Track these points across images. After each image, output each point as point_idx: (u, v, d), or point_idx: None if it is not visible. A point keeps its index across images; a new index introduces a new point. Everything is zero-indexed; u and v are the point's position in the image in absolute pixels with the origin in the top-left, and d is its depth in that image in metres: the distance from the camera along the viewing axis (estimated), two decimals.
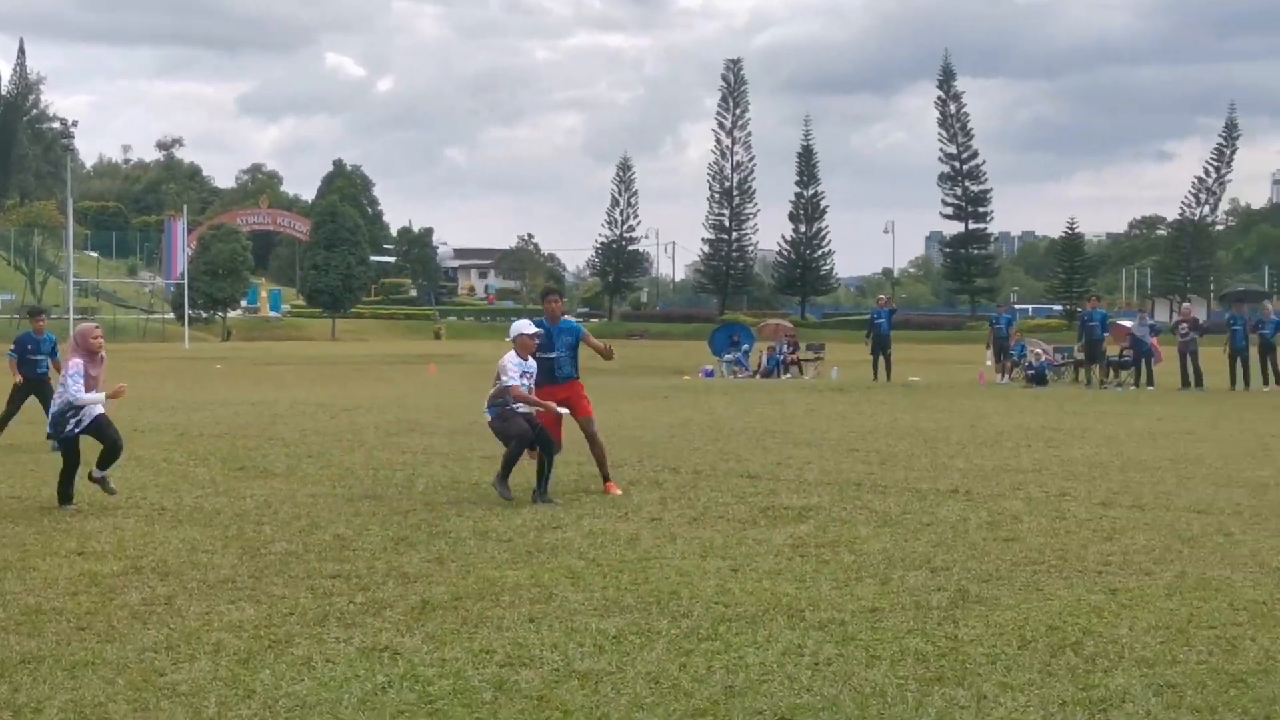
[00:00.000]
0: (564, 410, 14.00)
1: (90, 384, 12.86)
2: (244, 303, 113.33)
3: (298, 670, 7.15)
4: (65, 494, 13.08)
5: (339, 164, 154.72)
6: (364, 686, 6.83)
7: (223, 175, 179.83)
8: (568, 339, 14.41)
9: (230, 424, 22.77)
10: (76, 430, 12.94)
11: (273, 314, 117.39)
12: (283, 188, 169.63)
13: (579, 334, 14.59)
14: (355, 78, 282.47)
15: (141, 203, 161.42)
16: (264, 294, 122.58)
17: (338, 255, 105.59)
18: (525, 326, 14.15)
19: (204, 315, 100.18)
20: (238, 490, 14.20)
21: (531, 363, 13.73)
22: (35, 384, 19.55)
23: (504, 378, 13.60)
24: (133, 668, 7.20)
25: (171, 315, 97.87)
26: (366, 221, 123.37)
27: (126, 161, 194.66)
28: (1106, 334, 35.95)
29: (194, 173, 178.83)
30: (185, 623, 8.24)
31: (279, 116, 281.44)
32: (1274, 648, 7.64)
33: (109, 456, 13.11)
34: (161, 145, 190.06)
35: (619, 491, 13.85)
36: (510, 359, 13.68)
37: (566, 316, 14.95)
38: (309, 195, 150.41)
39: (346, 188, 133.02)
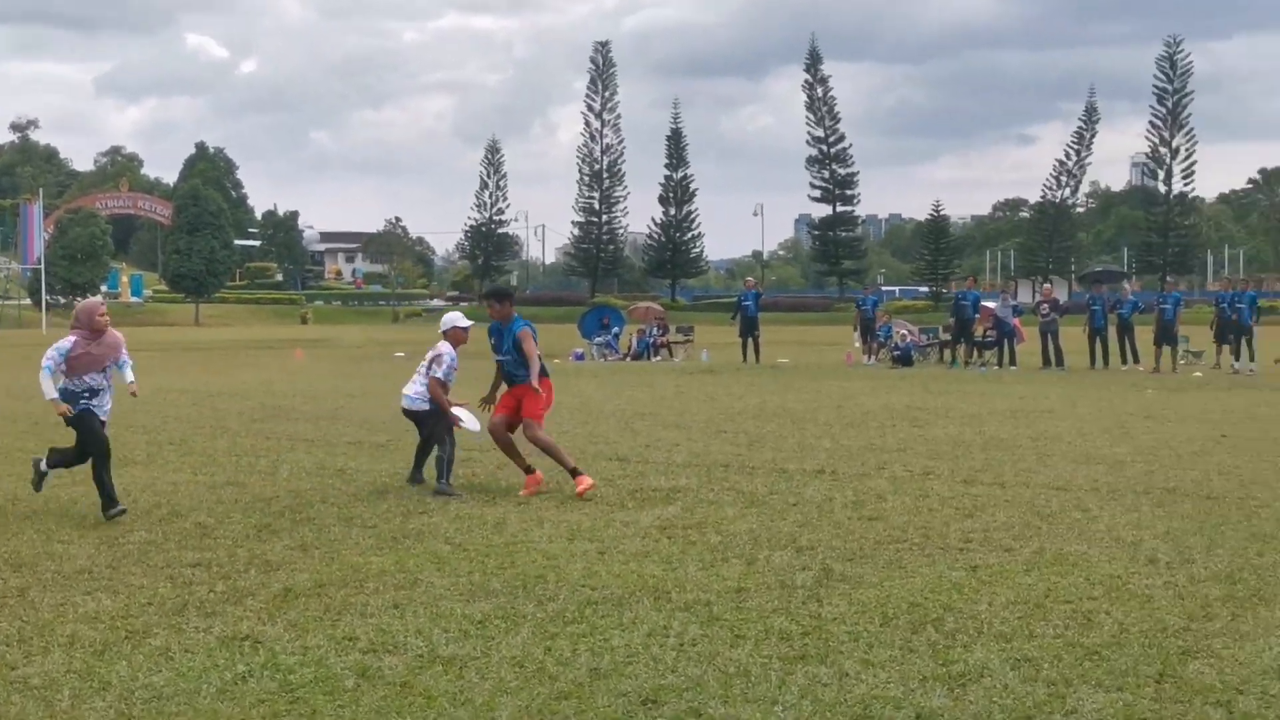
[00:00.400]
0: (462, 416, 13.68)
1: (89, 363, 11.55)
2: (104, 288, 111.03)
3: (155, 661, 7.02)
4: (108, 496, 11.43)
5: (201, 146, 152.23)
6: (223, 676, 6.72)
7: (81, 158, 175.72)
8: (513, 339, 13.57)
9: None
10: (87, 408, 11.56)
11: (134, 299, 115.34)
12: (143, 170, 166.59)
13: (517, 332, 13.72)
14: (218, 59, 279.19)
15: None
16: (125, 279, 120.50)
17: (201, 239, 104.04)
18: (459, 319, 14.07)
19: (62, 301, 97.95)
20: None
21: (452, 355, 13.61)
22: None
23: (437, 368, 13.48)
24: None
25: (28, 301, 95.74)
26: (230, 205, 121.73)
27: None
28: (977, 315, 36.46)
29: (50, 155, 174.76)
30: (39, 615, 8.05)
31: (139, 98, 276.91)
32: (1128, 620, 7.80)
33: (73, 457, 11.98)
34: (16, 127, 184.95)
35: (585, 486, 12.74)
36: (448, 349, 13.54)
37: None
38: (171, 178, 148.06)
39: (209, 171, 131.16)
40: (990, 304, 38.60)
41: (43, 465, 11.96)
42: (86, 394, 11.56)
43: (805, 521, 11.20)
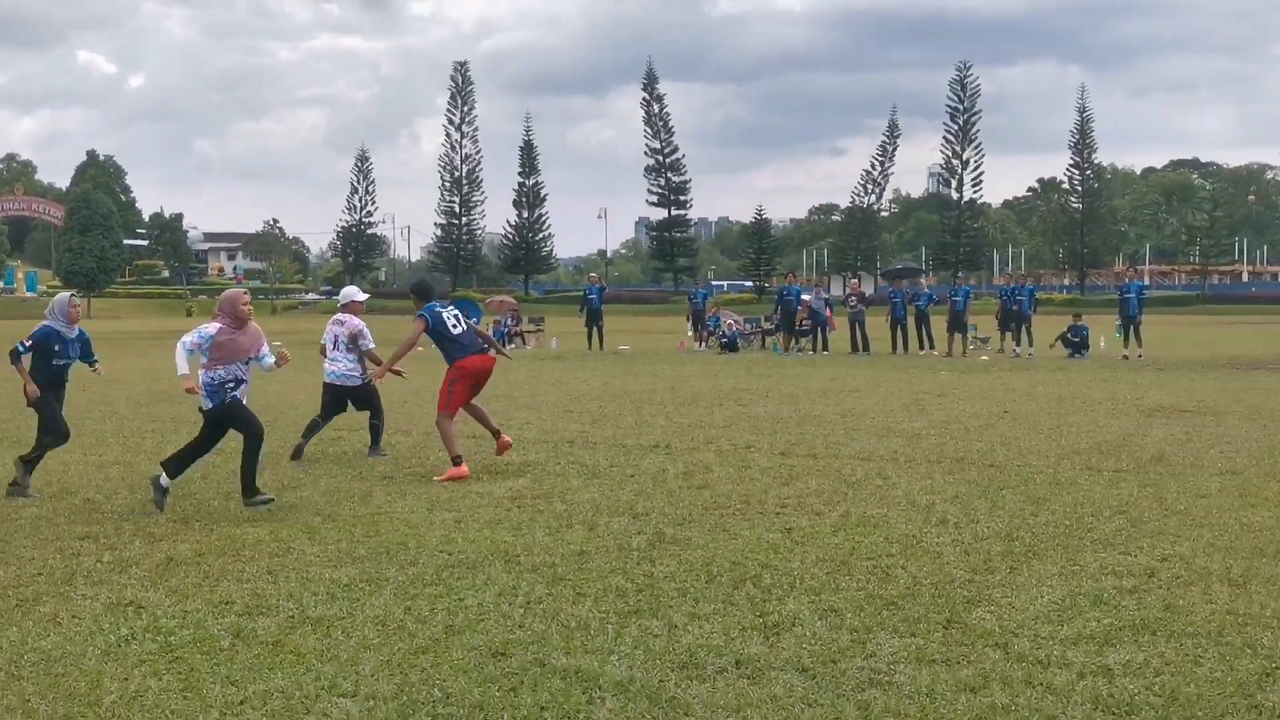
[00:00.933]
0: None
1: (234, 352, 10.69)
2: (0, 284, 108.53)
3: (44, 627, 6.85)
4: (174, 468, 10.81)
5: (92, 154, 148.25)
6: (108, 639, 6.58)
7: None
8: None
9: None
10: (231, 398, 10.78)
11: (29, 294, 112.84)
12: (37, 176, 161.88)
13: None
14: (107, 74, 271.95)
15: None
16: (20, 276, 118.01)
17: (92, 239, 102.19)
18: (356, 293, 14.61)
19: None
20: None
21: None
22: None
23: (365, 342, 13.99)
24: None
25: None
26: (119, 207, 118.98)
27: None
28: (799, 307, 36.85)
29: None
30: None
31: (33, 109, 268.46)
32: (921, 574, 7.95)
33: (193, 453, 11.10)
34: None
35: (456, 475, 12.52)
36: (362, 322, 13.84)
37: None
38: (64, 183, 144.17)
39: (99, 176, 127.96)
40: (806, 296, 39.03)
41: (163, 480, 10.59)
42: (232, 383, 10.76)
43: (641, 491, 11.24)
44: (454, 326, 13.12)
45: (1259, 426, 15.87)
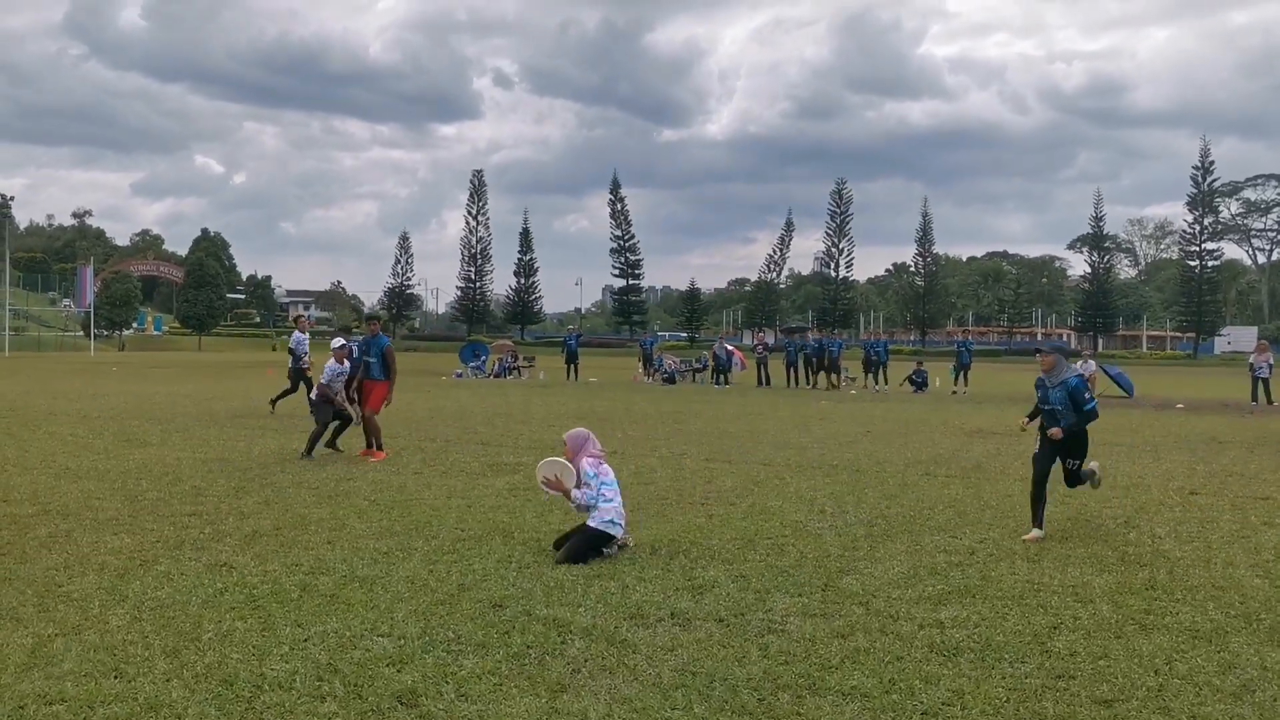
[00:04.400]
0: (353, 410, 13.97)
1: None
2: (135, 324, 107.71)
3: (159, 581, 6.72)
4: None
5: (205, 231, 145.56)
6: (207, 591, 6.46)
7: (121, 237, 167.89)
8: (378, 349, 13.70)
9: (120, 408, 21.33)
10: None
11: (155, 333, 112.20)
12: (164, 246, 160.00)
13: (384, 346, 13.79)
14: (217, 173, 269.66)
15: (61, 255, 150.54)
16: (150, 319, 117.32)
17: (203, 293, 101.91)
18: (336, 342, 14.15)
19: (105, 333, 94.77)
20: (123, 455, 13.28)
21: (344, 366, 13.66)
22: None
23: (323, 379, 13.82)
24: (38, 581, 6.66)
25: (81, 333, 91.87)
26: (224, 270, 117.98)
27: (50, 225, 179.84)
28: (720, 355, 37.02)
29: (99, 234, 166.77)
30: (79, 549, 7.64)
31: (161, 197, 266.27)
32: (806, 550, 7.93)
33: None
34: (76, 215, 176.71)
35: (378, 458, 13.04)
36: (329, 364, 13.57)
37: (383, 334, 14.18)
38: (183, 251, 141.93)
39: (210, 247, 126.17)
40: (729, 346, 39.21)
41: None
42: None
43: None
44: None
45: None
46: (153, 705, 4.60)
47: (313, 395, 14.33)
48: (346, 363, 13.84)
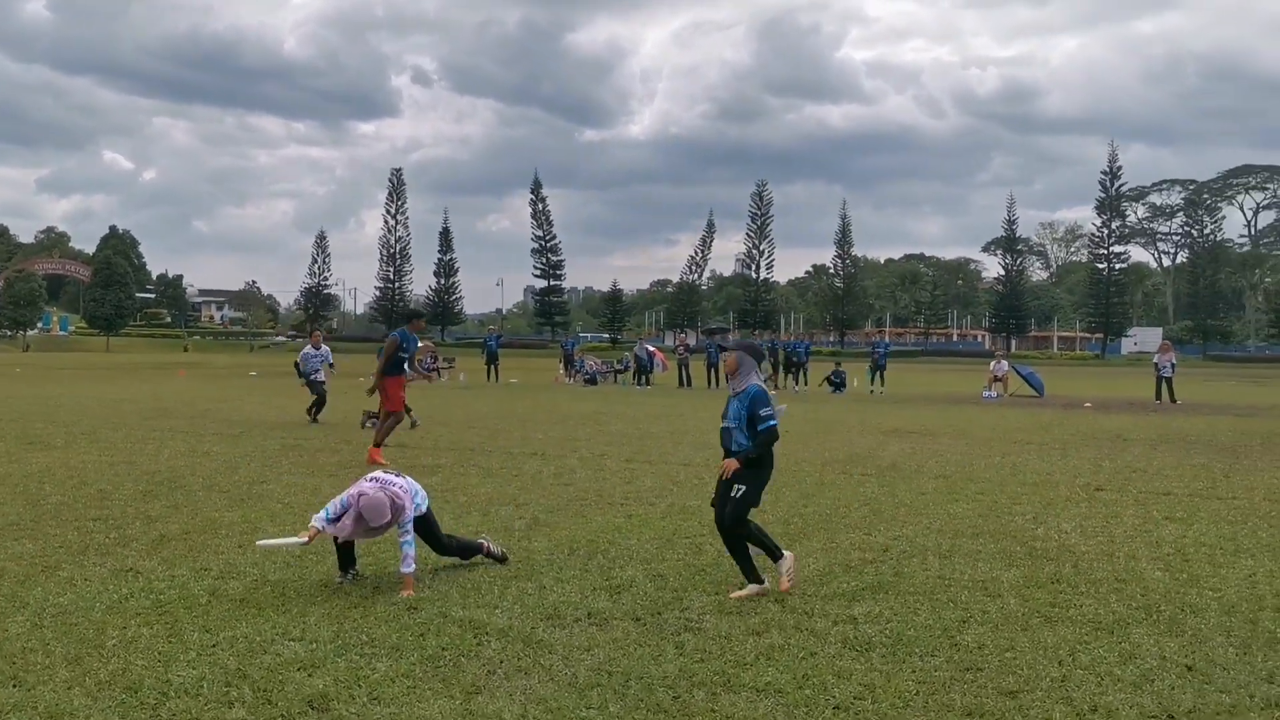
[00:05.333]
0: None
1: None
2: (39, 325, 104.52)
3: (63, 587, 6.54)
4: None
5: (113, 228, 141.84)
6: (112, 597, 6.30)
7: (25, 234, 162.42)
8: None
9: (23, 410, 20.69)
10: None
11: (61, 333, 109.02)
12: (70, 244, 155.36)
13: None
14: (126, 169, 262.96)
15: None
16: (55, 319, 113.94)
17: (111, 293, 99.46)
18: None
19: (8, 334, 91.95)
20: (25, 459, 12.88)
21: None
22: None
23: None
24: None
25: None
26: (134, 269, 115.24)
27: None
28: (641, 356, 37.13)
29: (2, 232, 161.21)
30: None
31: (68, 194, 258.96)
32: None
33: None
34: None
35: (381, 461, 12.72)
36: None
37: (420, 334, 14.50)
38: (90, 249, 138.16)
39: (118, 245, 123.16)
40: (650, 347, 39.35)
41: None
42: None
43: (523, 487, 11.14)
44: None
45: (962, 443, 16.31)
46: (54, 714, 4.47)
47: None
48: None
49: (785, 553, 6.71)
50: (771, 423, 6.50)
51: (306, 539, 6.61)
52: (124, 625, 5.73)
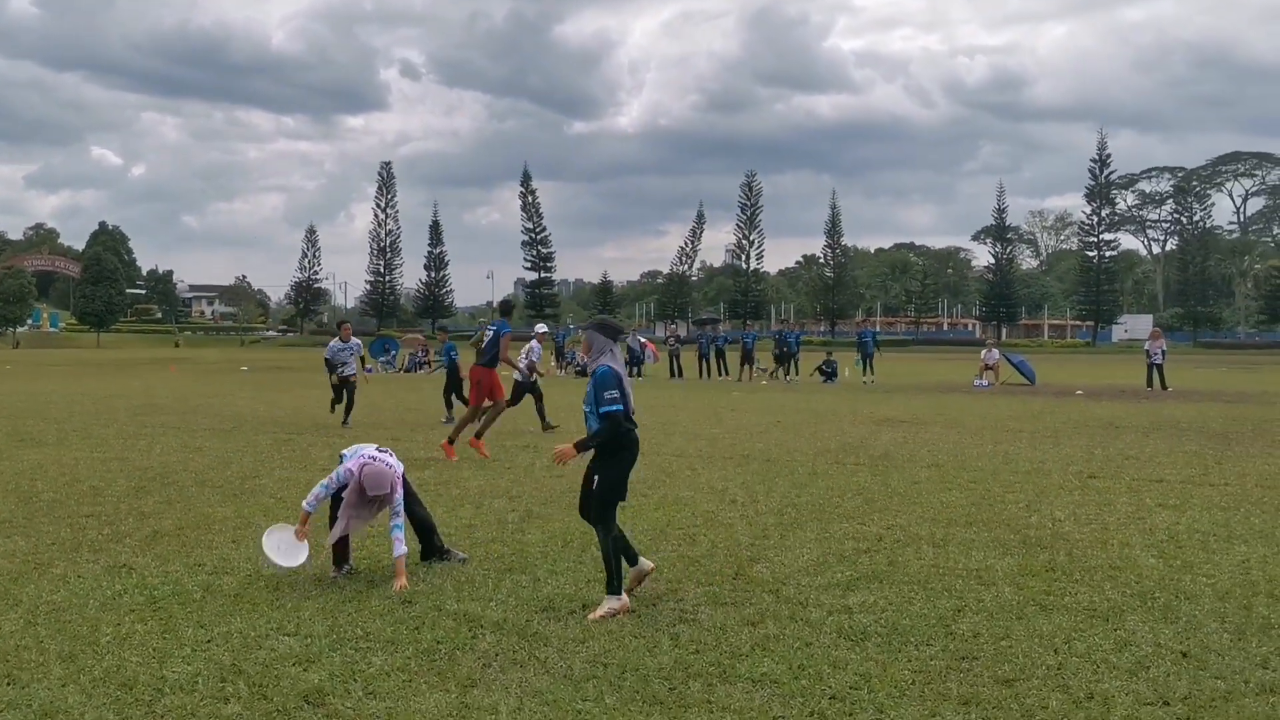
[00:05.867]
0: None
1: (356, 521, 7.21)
2: (30, 321, 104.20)
3: (55, 584, 6.52)
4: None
5: (103, 224, 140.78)
6: (105, 594, 6.29)
7: (14, 231, 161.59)
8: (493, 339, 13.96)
9: (14, 407, 20.60)
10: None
11: (51, 329, 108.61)
12: (60, 240, 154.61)
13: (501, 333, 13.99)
14: (115, 164, 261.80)
15: None
16: (45, 315, 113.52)
17: (101, 289, 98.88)
18: (541, 327, 17.16)
19: None
20: (17, 456, 12.84)
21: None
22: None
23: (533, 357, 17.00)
24: None
25: None
26: (124, 265, 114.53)
27: None
28: (634, 347, 37.18)
29: None
30: None
31: (57, 190, 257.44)
32: (717, 540, 7.99)
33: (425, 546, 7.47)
34: None
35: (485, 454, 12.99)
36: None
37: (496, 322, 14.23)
38: (80, 246, 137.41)
39: (108, 241, 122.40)
40: (642, 339, 39.42)
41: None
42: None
43: (516, 480, 11.14)
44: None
45: (954, 432, 16.34)
46: (48, 711, 4.46)
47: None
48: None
49: (644, 559, 6.40)
50: (613, 407, 6.04)
51: (305, 555, 6.61)
52: (118, 622, 5.71)
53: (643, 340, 39.27)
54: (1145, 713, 4.54)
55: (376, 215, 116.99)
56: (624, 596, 6.01)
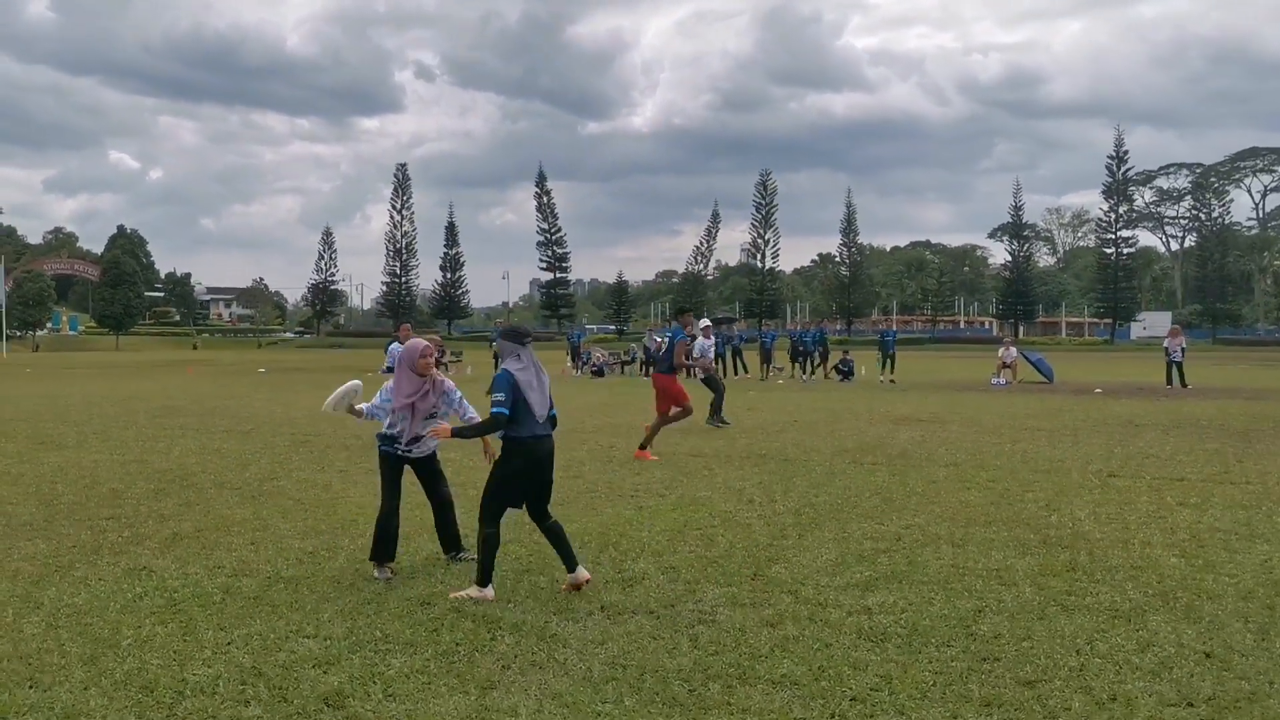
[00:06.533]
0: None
1: (415, 415, 7.12)
2: (49, 325, 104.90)
3: (76, 587, 6.55)
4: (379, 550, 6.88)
5: (121, 228, 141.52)
6: (126, 596, 6.31)
7: (33, 235, 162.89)
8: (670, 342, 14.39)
9: (34, 410, 20.73)
10: (397, 450, 7.17)
11: (71, 333, 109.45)
12: (79, 244, 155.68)
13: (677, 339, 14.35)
14: (133, 168, 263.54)
15: None
16: (64, 319, 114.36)
17: (120, 292, 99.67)
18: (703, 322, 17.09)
19: (19, 334, 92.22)
20: (38, 458, 12.91)
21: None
22: None
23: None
24: None
25: None
26: (142, 268, 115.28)
27: None
28: (650, 346, 37.18)
29: (10, 232, 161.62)
30: None
31: (75, 194, 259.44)
32: (735, 540, 7.97)
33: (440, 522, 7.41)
34: None
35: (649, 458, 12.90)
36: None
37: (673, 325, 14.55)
38: (98, 249, 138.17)
39: (126, 244, 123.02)
40: (659, 338, 39.44)
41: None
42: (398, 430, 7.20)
43: None
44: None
45: (971, 431, 16.27)
46: (70, 714, 4.48)
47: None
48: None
49: (582, 570, 6.42)
50: (495, 410, 6.12)
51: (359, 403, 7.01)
52: (139, 624, 5.74)
53: (659, 340, 39.25)
54: (1169, 714, 4.51)
55: (392, 217, 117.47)
56: (489, 590, 6.22)
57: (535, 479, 6.31)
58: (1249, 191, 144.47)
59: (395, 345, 18.17)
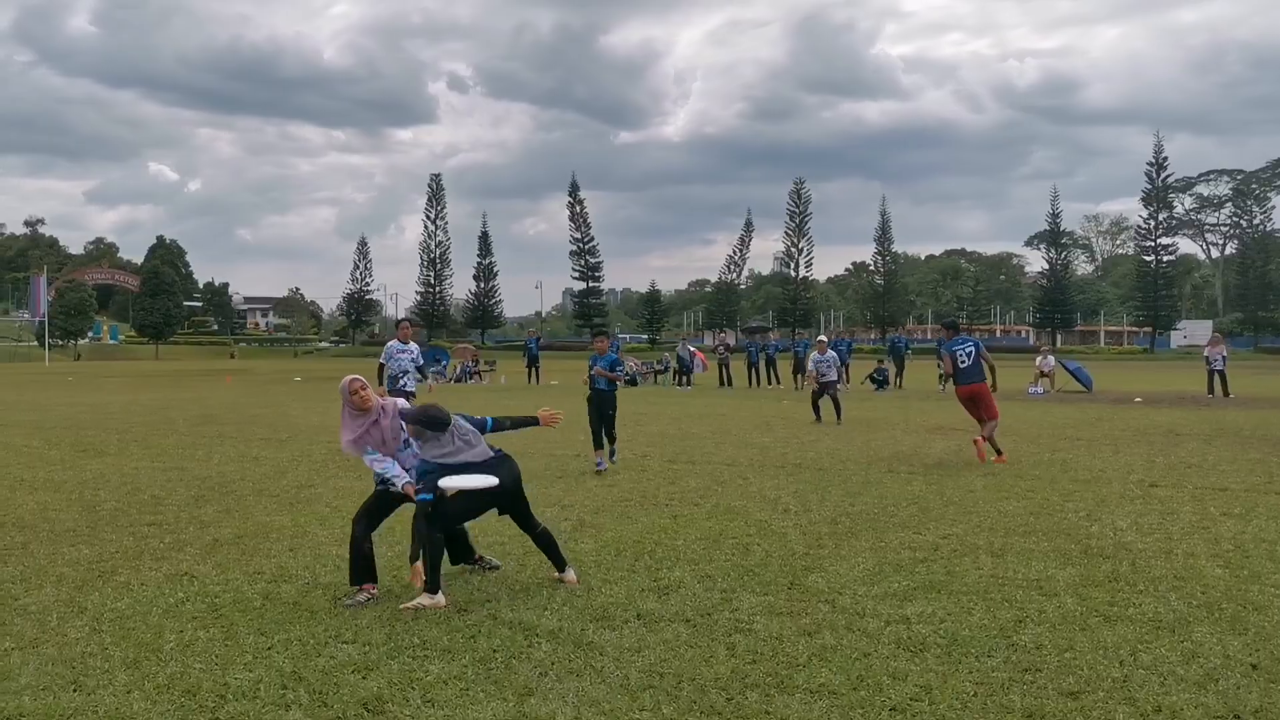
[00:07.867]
0: None
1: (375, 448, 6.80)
2: (90, 333, 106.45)
3: (119, 592, 6.63)
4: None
5: (160, 238, 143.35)
6: (168, 601, 6.38)
7: (74, 245, 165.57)
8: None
9: (76, 418, 21.01)
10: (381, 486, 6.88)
11: (111, 341, 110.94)
12: (119, 254, 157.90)
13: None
14: (172, 180, 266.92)
15: (13, 264, 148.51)
16: (105, 328, 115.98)
17: (159, 301, 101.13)
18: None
19: (60, 343, 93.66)
20: (80, 465, 13.09)
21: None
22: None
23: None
24: None
25: (35, 343, 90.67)
26: (181, 278, 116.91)
27: (1, 234, 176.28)
28: (683, 356, 37.17)
29: (52, 243, 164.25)
30: (36, 561, 7.54)
31: (115, 205, 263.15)
32: (771, 549, 7.95)
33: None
34: (28, 223, 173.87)
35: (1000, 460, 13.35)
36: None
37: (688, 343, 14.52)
38: (138, 259, 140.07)
39: (166, 255, 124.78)
40: (692, 347, 39.42)
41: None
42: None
43: (567, 488, 11.15)
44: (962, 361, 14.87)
45: (1009, 440, 16.14)
46: (114, 718, 4.53)
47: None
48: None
49: (570, 570, 6.95)
50: (420, 499, 6.54)
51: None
52: (181, 629, 5.80)
53: (692, 349, 39.23)
54: None
55: (426, 227, 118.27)
56: (439, 596, 6.28)
57: (503, 502, 6.83)
58: None
59: (393, 344, 18.03)
